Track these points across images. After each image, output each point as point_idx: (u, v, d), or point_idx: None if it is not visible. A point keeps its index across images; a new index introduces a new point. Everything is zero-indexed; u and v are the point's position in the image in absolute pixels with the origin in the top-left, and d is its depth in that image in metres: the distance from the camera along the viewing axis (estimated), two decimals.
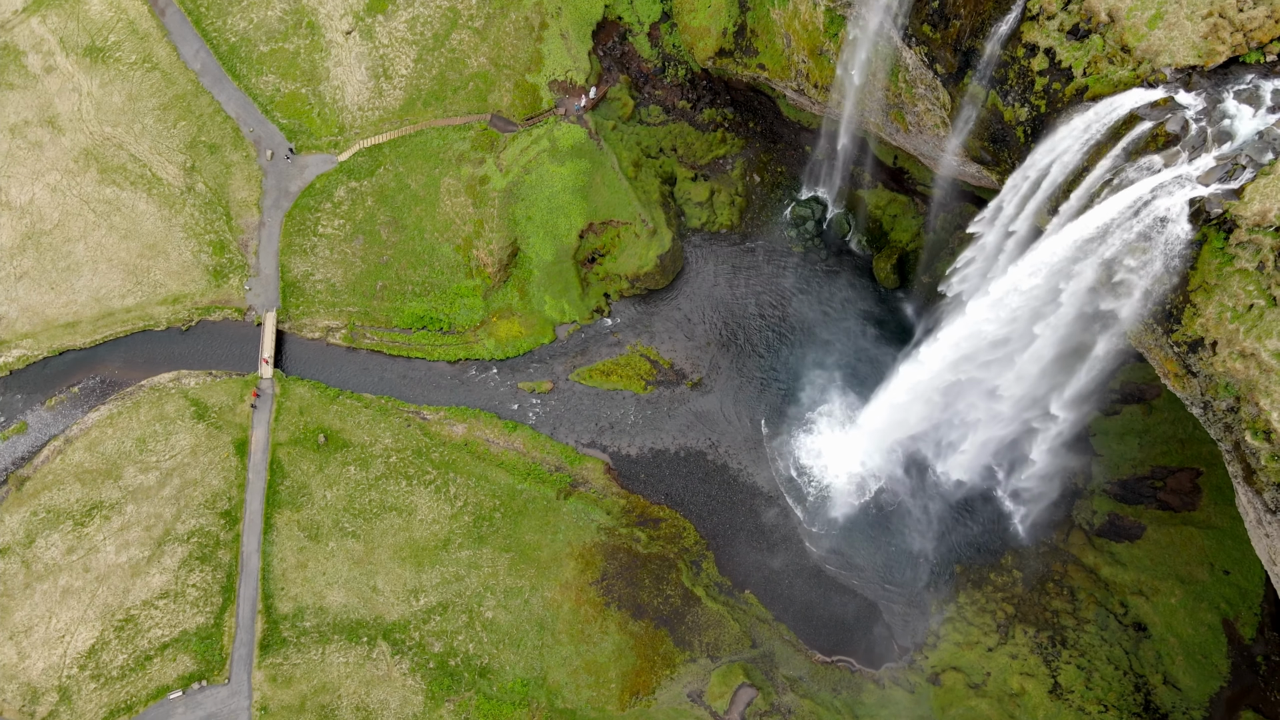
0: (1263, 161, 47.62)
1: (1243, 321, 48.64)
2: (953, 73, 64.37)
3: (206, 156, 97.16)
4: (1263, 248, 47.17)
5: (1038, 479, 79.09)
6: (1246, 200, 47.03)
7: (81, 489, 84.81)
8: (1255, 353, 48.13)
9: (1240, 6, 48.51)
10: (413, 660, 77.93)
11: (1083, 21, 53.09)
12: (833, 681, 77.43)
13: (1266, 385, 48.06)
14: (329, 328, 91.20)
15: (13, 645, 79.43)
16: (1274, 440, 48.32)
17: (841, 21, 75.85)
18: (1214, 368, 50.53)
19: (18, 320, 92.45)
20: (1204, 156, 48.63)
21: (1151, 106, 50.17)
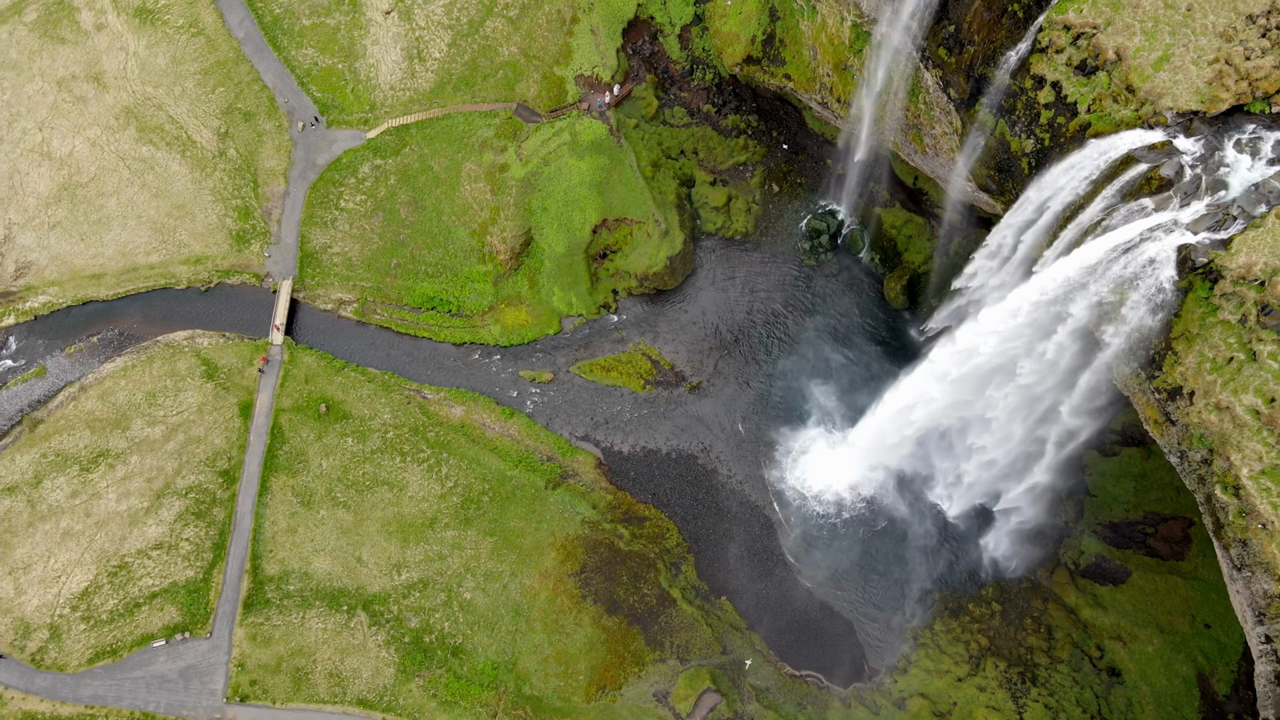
0: (1254, 213, 46.96)
1: (1221, 373, 48.01)
2: (965, 98, 64.03)
3: (241, 123, 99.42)
4: (1246, 301, 46.52)
5: (1026, 514, 78.31)
6: (1233, 251, 46.40)
7: (90, 436, 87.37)
8: (1230, 406, 47.50)
9: (1247, 55, 47.81)
10: (389, 633, 79.33)
11: (1090, 58, 52.61)
12: (799, 696, 77.45)
13: (1239, 440, 47.43)
14: (341, 300, 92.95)
15: (11, 580, 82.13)
16: (1242, 496, 47.63)
17: (866, 38, 75.65)
18: (1190, 418, 49.91)
19: (47, 268, 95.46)
20: (1196, 204, 48.04)
21: (1149, 149, 49.66)
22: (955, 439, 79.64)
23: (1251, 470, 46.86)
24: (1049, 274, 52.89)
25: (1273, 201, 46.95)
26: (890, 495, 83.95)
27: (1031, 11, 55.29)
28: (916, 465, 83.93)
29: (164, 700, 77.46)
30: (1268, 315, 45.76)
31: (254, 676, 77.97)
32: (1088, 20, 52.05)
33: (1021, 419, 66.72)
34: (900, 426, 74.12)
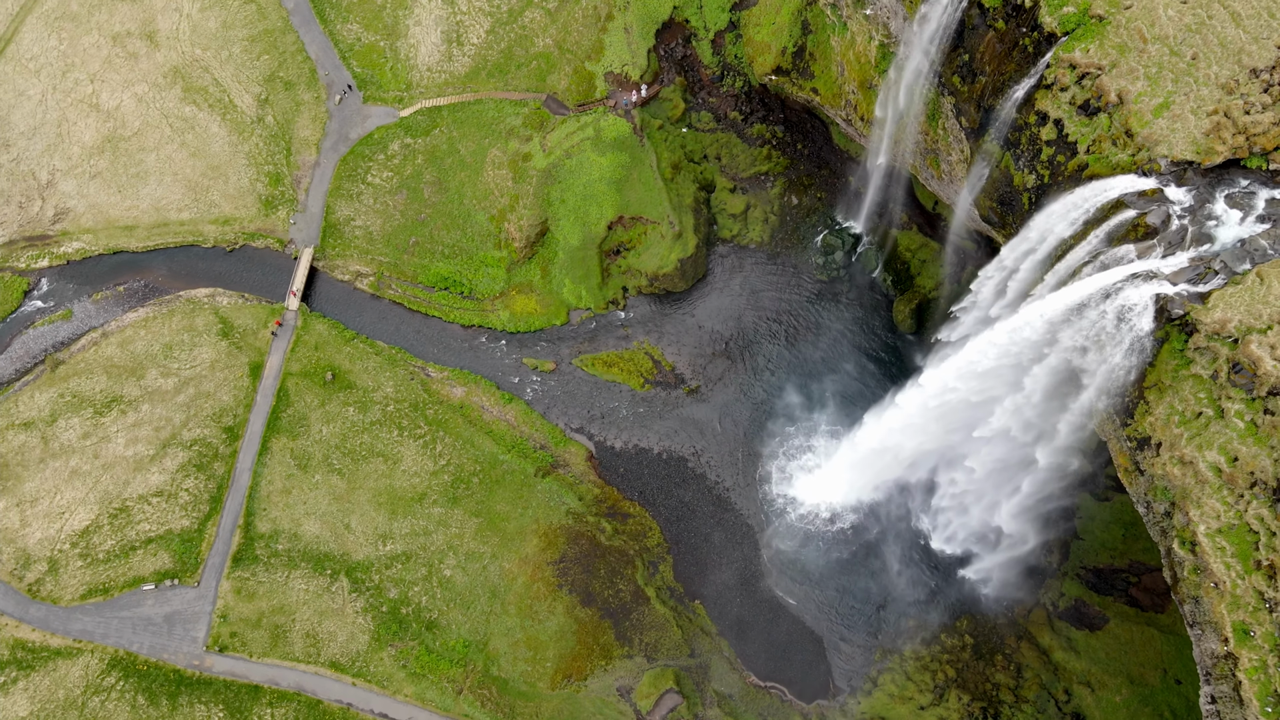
0: (1237, 270, 46.40)
1: (1188, 428, 47.55)
2: (974, 128, 63.82)
3: (281, 92, 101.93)
4: (1219, 357, 46.02)
5: (1009, 549, 77.73)
6: (1210, 306, 45.92)
7: (107, 381, 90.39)
8: (1194, 461, 47.03)
9: (1247, 109, 47.20)
10: (368, 601, 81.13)
11: (1093, 98, 52.24)
12: (761, 706, 77.81)
13: (1199, 496, 46.96)
14: (359, 273, 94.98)
15: (18, 512, 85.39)
16: (1198, 553, 47.17)
17: (892, 58, 75.52)
18: (1156, 469, 49.51)
19: (83, 215, 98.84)
20: (1179, 254, 47.59)
21: (1139, 195, 49.25)
22: (943, 469, 79.21)
23: (1208, 528, 46.38)
24: (1029, 312, 52.65)
25: (1257, 259, 46.34)
26: (876, 518, 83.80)
27: (1041, 47, 54.95)
28: (905, 491, 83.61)
29: (147, 642, 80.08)
30: (1238, 374, 45.22)
31: (234, 629, 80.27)
32: (1094, 61, 51.68)
33: (1001, 458, 66.36)
34: (883, 451, 73.98)
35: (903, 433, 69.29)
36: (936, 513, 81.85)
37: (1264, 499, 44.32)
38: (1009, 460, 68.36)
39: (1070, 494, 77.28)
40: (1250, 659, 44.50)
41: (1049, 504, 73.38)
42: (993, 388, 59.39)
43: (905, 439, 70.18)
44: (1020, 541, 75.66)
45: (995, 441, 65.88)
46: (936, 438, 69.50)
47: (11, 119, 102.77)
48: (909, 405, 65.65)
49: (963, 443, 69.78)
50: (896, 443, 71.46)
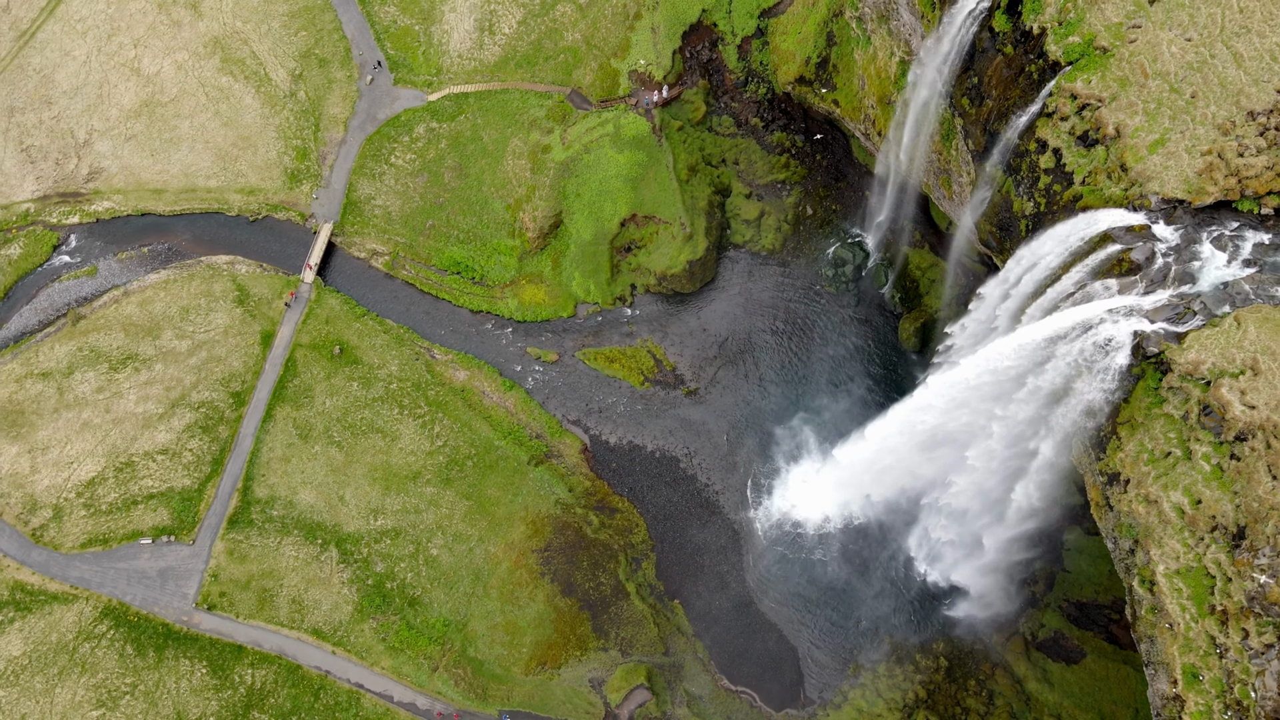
0: (1216, 312, 46.12)
1: (1156, 466, 47.35)
2: (980, 151, 63.72)
3: (315, 68, 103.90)
4: (1190, 398, 45.78)
5: (990, 575, 77.44)
6: (1185, 346, 45.68)
7: (124, 338, 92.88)
8: (1159, 501, 46.85)
9: (1241, 151, 46.84)
10: (355, 573, 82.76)
11: (1092, 130, 52.03)
12: (729, 710, 78.28)
13: (1161, 536, 46.79)
14: (374, 251, 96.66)
15: (29, 458, 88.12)
16: (1155, 593, 47.01)
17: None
18: (1122, 505, 49.33)
19: (116, 176, 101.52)
20: (1160, 292, 47.36)
21: (1127, 230, 49.06)
22: (932, 492, 78.96)
23: (1167, 568, 46.19)
24: (1010, 340, 52.64)
25: (1238, 303, 46.01)
26: (863, 534, 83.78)
27: (1045, 75, 54.79)
28: (895, 510, 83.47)
29: (140, 594, 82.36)
30: (1208, 416, 44.96)
31: (224, 589, 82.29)
32: (1094, 92, 51.48)
33: (986, 484, 66.21)
34: (870, 468, 74.06)
35: (886, 452, 69.32)
36: (924, 534, 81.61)
37: (1223, 544, 44.07)
38: (994, 487, 68.09)
39: (1057, 526, 76.87)
40: (1197, 703, 44.32)
41: (1035, 534, 72.92)
42: (974, 412, 59.30)
43: (889, 458, 70.20)
44: (1003, 569, 75.33)
45: (980, 468, 65.66)
46: (920, 459, 69.48)
47: (56, 77, 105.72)
48: (891, 424, 65.72)
49: (951, 466, 69.59)
50: (882, 461, 71.46)
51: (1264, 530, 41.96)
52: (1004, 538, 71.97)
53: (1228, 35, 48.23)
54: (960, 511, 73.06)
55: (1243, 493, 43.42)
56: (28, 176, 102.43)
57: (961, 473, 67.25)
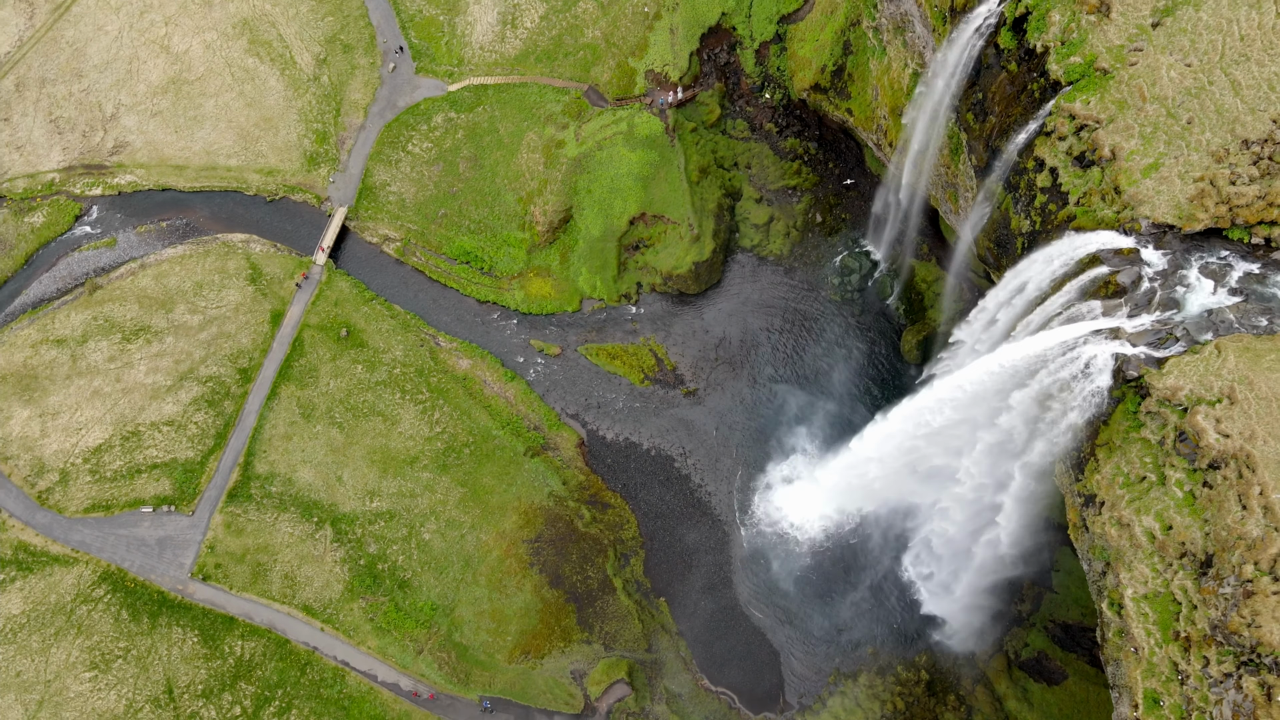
0: (1198, 339, 46.06)
1: (1131, 490, 47.34)
2: (982, 166, 63.74)
3: (339, 54, 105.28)
4: (1167, 423, 45.75)
5: (980, 596, 77.32)
6: (1164, 372, 45.64)
7: (138, 310, 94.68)
8: (1131, 524, 46.85)
9: (1233, 179, 46.73)
10: (347, 552, 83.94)
11: (1089, 151, 52.01)
12: (708, 710, 78.71)
13: (1131, 560, 46.79)
14: (387, 237, 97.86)
15: (39, 422, 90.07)
16: (1123, 616, 47.03)
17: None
18: (1096, 527, 49.35)
19: (140, 151, 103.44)
20: (1143, 316, 47.36)
21: (1115, 253, 49.05)
22: (924, 504, 79.05)
23: (1135, 592, 46.20)
24: (993, 359, 52.74)
25: (1220, 331, 45.93)
26: (853, 543, 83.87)
27: (1046, 94, 54.79)
28: (886, 522, 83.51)
29: (138, 561, 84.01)
30: (1183, 443, 44.92)
31: (219, 560, 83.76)
32: (1092, 113, 51.45)
33: (975, 500, 66.28)
34: (859, 478, 74.26)
35: (874, 464, 69.56)
36: (914, 546, 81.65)
37: (1190, 571, 44.04)
38: (983, 503, 68.14)
39: (1048, 548, 76.72)
40: None
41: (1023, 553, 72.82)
42: (958, 428, 59.43)
43: (877, 471, 70.41)
44: (990, 587, 75.25)
45: (969, 484, 65.73)
46: (905, 476, 69.73)
47: (88, 51, 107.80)
48: (877, 436, 66.00)
49: (941, 480, 69.71)
50: (869, 473, 71.70)
51: (1230, 559, 41.93)
52: (975, 585, 72.68)
53: (1227, 62, 48.11)
54: (936, 555, 73.44)
55: (1213, 521, 43.39)
56: (55, 147, 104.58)
57: (944, 501, 67.42)
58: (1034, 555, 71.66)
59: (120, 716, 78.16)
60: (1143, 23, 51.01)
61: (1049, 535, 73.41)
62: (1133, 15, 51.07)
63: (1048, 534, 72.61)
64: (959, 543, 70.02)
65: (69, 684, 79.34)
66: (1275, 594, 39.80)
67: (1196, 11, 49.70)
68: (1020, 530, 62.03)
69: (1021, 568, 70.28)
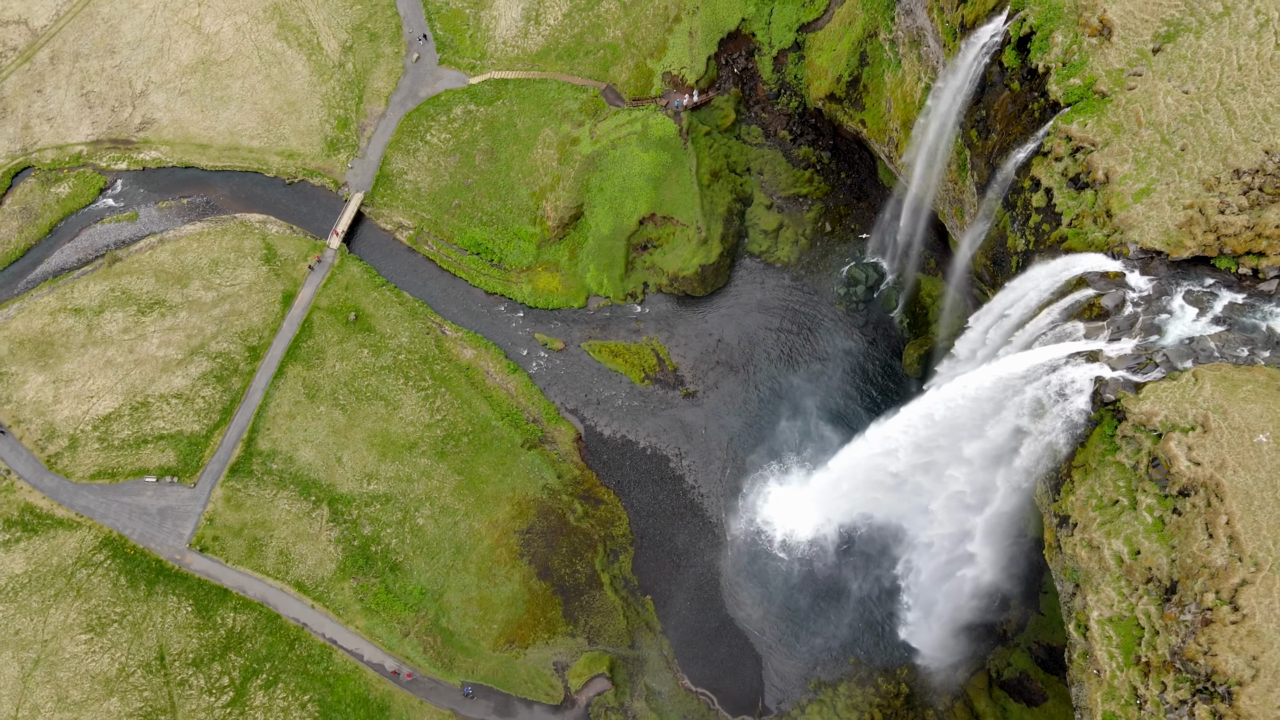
0: (1177, 366, 46.07)
1: (1103, 513, 47.44)
2: (983, 183, 63.87)
3: (365, 42, 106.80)
4: (1142, 448, 45.82)
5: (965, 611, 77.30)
6: (1141, 397, 45.72)
7: (155, 284, 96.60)
8: (1101, 547, 46.97)
9: (1222, 209, 46.71)
10: (342, 532, 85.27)
11: (1084, 173, 52.11)
12: (687, 710, 79.23)
13: (1099, 582, 46.90)
14: (400, 224, 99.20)
15: (52, 388, 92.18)
16: (1087, 638, 47.13)
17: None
18: (1068, 549, 49.45)
19: (165, 128, 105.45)
20: (1124, 341, 47.42)
21: (1102, 276, 49.14)
22: (911, 516, 79.14)
23: (1101, 614, 46.31)
24: (976, 377, 52.93)
25: (1201, 359, 45.92)
26: (843, 554, 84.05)
27: (1045, 114, 54.90)
28: (875, 535, 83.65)
29: (139, 529, 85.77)
30: (1155, 468, 44.97)
31: (218, 533, 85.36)
32: (1088, 136, 51.53)
33: (950, 516, 66.47)
34: (847, 491, 74.57)
35: (858, 476, 69.88)
36: (902, 558, 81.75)
37: (1154, 596, 44.11)
38: (960, 530, 68.32)
39: (1036, 569, 76.60)
40: None
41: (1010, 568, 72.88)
42: (939, 444, 59.64)
43: (862, 483, 70.72)
44: (975, 603, 75.25)
45: (953, 497, 65.91)
46: (890, 492, 70.02)
47: (122, 28, 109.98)
48: (859, 451, 66.37)
49: (919, 507, 69.99)
50: (855, 486, 72.03)
51: (1193, 587, 41.98)
52: (953, 612, 73.12)
53: (1224, 91, 48.06)
54: (938, 539, 73.40)
55: (1179, 548, 43.45)
56: (84, 120, 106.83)
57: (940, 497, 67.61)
58: (1016, 578, 71.73)
59: (112, 679, 79.84)
60: (1143, 48, 51.04)
61: (1037, 556, 73.36)
62: (1134, 40, 51.10)
63: (1037, 555, 72.52)
64: (939, 567, 70.21)
65: (65, 645, 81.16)
66: (1233, 623, 39.84)
67: (1197, 39, 49.67)
68: (998, 554, 62.18)
69: (1003, 590, 70.27)
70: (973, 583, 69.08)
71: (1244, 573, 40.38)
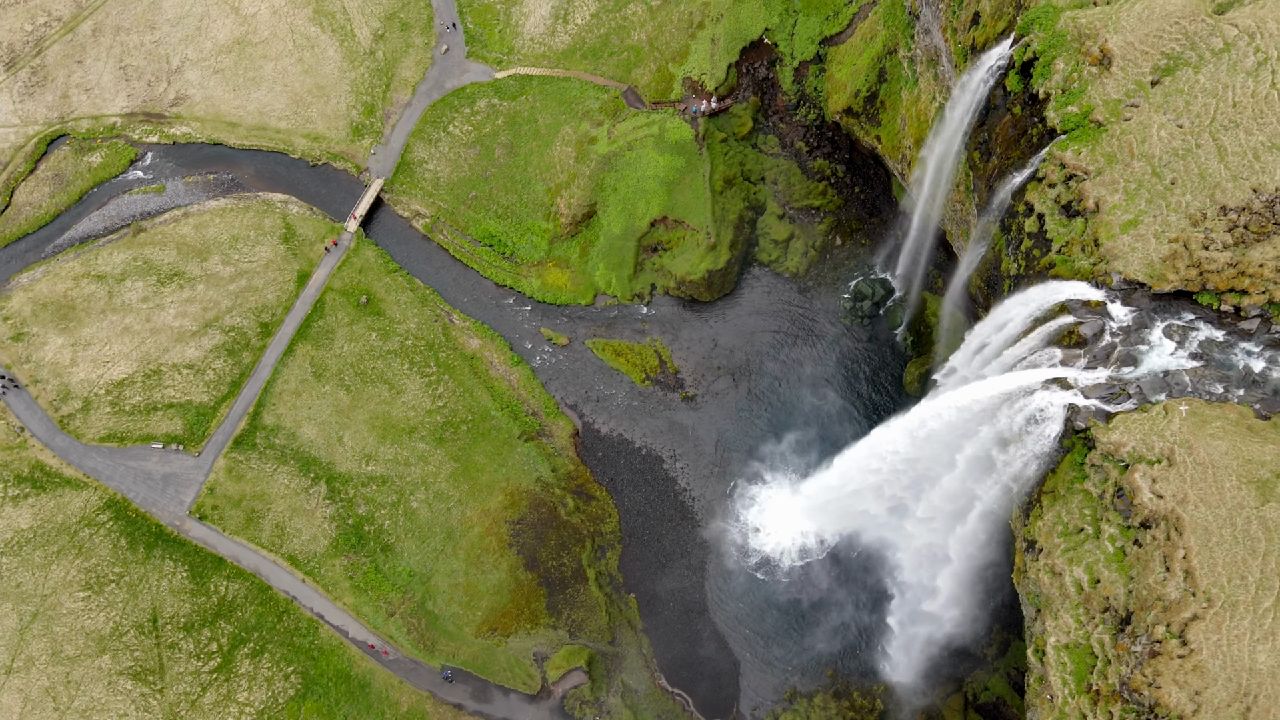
0: (1150, 399, 46.13)
1: (1068, 540, 47.58)
2: (982, 206, 64.03)
3: (396, 31, 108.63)
4: (1109, 478, 45.93)
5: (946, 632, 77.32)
6: (1111, 427, 45.84)
7: (176, 256, 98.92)
8: (1062, 573, 47.11)
9: (1206, 244, 46.71)
10: (337, 510, 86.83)
11: (1075, 201, 52.22)
12: (661, 709, 79.85)
13: (1058, 609, 47.05)
14: (417, 212, 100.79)
15: (70, 351, 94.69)
16: (1044, 663, 47.31)
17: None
18: (1032, 574, 49.63)
19: (198, 105, 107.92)
20: (1100, 370, 47.53)
21: (1083, 304, 49.26)
22: (897, 531, 79.24)
23: (1058, 640, 46.46)
24: (953, 397, 53.22)
25: (1174, 393, 45.94)
26: (828, 566, 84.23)
27: (1043, 140, 55.05)
28: (863, 549, 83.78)
29: (142, 493, 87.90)
30: (1120, 499, 45.06)
31: (217, 502, 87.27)
32: (1082, 164, 51.63)
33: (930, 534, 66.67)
34: (836, 497, 74.83)
35: (844, 490, 70.21)
36: (887, 573, 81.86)
37: (1109, 626, 44.23)
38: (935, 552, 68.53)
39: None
40: None
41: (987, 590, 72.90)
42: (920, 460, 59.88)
43: (848, 497, 71.04)
44: (952, 621, 75.26)
45: (931, 516, 66.11)
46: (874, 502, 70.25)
47: (163, 4, 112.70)
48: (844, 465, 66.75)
49: (910, 508, 70.11)
50: (840, 499, 72.35)
51: (1145, 618, 42.07)
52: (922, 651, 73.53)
53: (1217, 127, 48.03)
54: (918, 553, 73.55)
55: (1137, 579, 43.53)
56: (121, 93, 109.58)
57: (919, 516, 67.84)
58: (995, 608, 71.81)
59: (106, 637, 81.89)
60: (1142, 79, 51.09)
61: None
62: (1133, 71, 51.16)
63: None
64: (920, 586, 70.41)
65: (63, 600, 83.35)
66: (1180, 657, 39.91)
67: (1196, 74, 49.66)
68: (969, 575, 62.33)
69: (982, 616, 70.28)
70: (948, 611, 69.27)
71: (1196, 608, 40.43)
